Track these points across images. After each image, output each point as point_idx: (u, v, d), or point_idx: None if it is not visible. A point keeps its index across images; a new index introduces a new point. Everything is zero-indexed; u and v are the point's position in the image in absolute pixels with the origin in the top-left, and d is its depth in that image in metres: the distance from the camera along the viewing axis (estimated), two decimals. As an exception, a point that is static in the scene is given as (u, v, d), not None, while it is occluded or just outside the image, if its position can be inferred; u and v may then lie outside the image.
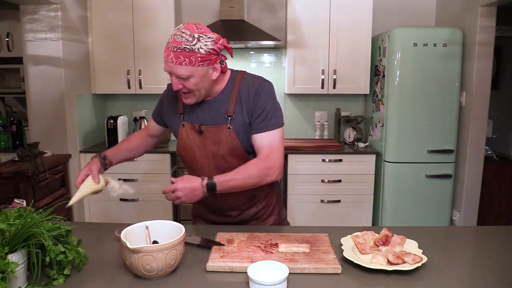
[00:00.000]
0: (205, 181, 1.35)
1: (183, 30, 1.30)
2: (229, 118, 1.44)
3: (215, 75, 1.39)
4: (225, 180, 1.37)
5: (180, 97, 1.50)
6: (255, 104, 1.42)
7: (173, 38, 1.30)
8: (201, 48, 1.29)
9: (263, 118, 1.42)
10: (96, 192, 1.46)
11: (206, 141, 1.47)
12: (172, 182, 1.36)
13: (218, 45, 1.33)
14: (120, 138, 3.39)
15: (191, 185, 1.34)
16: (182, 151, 1.54)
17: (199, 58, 1.30)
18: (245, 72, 1.52)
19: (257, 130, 1.43)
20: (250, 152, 1.48)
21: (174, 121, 1.55)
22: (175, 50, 1.29)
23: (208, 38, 1.31)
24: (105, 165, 1.57)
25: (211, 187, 1.34)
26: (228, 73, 1.48)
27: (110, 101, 3.86)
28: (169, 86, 1.59)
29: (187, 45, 1.28)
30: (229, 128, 1.43)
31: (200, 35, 1.30)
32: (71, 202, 1.40)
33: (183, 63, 1.30)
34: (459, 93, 3.09)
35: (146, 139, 1.73)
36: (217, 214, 1.61)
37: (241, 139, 1.44)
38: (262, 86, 1.45)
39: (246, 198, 1.56)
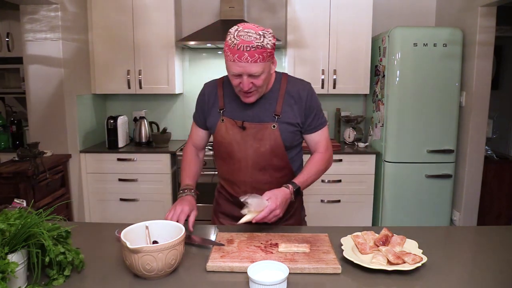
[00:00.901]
0: (291, 188, 1.43)
1: (245, 30, 1.34)
2: (277, 117, 1.49)
3: (273, 68, 1.47)
4: (304, 181, 1.49)
5: (220, 93, 1.56)
6: (308, 105, 1.52)
7: (241, 38, 1.32)
8: (268, 43, 1.35)
9: (318, 117, 1.55)
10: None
11: (248, 137, 1.51)
12: (246, 203, 1.35)
13: (274, 39, 1.40)
14: (120, 138, 3.39)
15: (282, 200, 1.38)
16: (219, 146, 1.57)
17: (268, 53, 1.37)
18: (287, 74, 1.59)
19: (314, 129, 1.56)
20: (289, 150, 1.54)
21: (213, 116, 1.57)
22: (248, 49, 1.32)
23: (269, 33, 1.37)
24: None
25: (297, 192, 1.45)
26: (273, 74, 1.54)
27: (110, 101, 3.86)
28: (206, 85, 1.63)
29: (258, 43, 1.33)
30: (273, 126, 1.49)
31: (263, 31, 1.35)
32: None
33: (258, 60, 1.34)
34: (459, 93, 3.09)
35: (199, 155, 1.73)
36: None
37: (284, 138, 1.50)
38: (311, 88, 1.56)
39: None
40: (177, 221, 1.34)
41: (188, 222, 1.42)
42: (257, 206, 1.33)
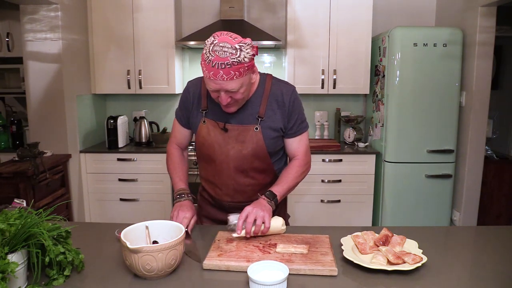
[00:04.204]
0: (266, 197, 1.43)
1: (221, 45, 1.27)
2: (260, 119, 1.47)
3: (254, 77, 1.43)
4: (283, 189, 1.48)
5: (204, 93, 1.52)
6: (291, 110, 1.50)
7: (215, 55, 1.26)
8: (245, 57, 1.29)
9: (300, 122, 1.53)
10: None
11: (230, 139, 1.48)
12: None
13: (254, 48, 1.34)
14: (120, 138, 3.39)
15: (259, 205, 1.38)
16: (200, 148, 1.55)
17: (246, 67, 1.31)
18: (272, 75, 1.55)
19: (295, 134, 1.54)
20: (272, 155, 1.52)
21: (195, 116, 1.54)
22: (223, 67, 1.27)
23: (247, 45, 1.31)
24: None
25: (275, 201, 1.43)
26: (256, 79, 1.51)
27: (110, 101, 3.86)
28: (190, 83, 1.59)
29: (234, 59, 1.27)
30: (256, 128, 1.47)
31: (240, 44, 1.29)
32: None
33: (234, 77, 1.29)
34: (459, 93, 3.09)
35: (184, 155, 1.71)
36: (228, 212, 1.57)
37: (266, 141, 1.48)
38: (295, 92, 1.53)
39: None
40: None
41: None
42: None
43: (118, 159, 3.31)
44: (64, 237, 1.13)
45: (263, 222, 1.35)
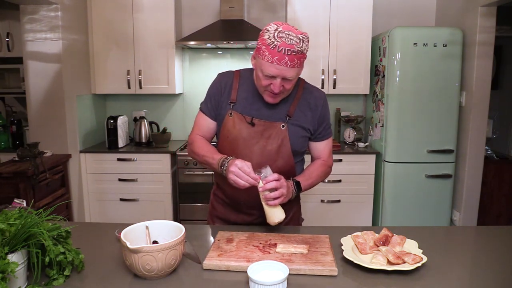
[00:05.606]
0: (291, 181, 1.44)
1: (287, 32, 1.30)
2: (288, 117, 1.48)
3: (301, 73, 1.44)
4: (305, 180, 1.49)
5: (235, 86, 1.51)
6: (322, 114, 1.55)
7: (282, 40, 1.28)
8: (305, 49, 1.33)
9: (328, 127, 1.59)
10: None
11: (255, 134, 1.48)
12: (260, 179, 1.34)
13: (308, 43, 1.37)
14: (120, 138, 3.39)
15: (288, 187, 1.39)
16: (223, 141, 1.52)
17: (304, 59, 1.35)
18: (304, 79, 1.58)
19: (322, 138, 1.57)
20: (295, 154, 1.52)
21: (223, 108, 1.52)
22: (289, 53, 1.29)
23: (307, 38, 1.34)
24: None
25: (298, 187, 1.45)
26: None
27: (110, 101, 3.86)
28: (221, 75, 1.57)
29: (298, 47, 1.30)
30: (283, 126, 1.48)
31: (302, 36, 1.32)
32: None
33: (296, 65, 1.32)
34: (459, 93, 3.09)
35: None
36: (242, 212, 1.57)
37: (292, 139, 1.49)
38: (325, 98, 1.59)
39: None
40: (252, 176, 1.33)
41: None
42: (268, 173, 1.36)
43: (118, 159, 3.31)
44: (64, 237, 1.13)
45: (277, 198, 1.34)
